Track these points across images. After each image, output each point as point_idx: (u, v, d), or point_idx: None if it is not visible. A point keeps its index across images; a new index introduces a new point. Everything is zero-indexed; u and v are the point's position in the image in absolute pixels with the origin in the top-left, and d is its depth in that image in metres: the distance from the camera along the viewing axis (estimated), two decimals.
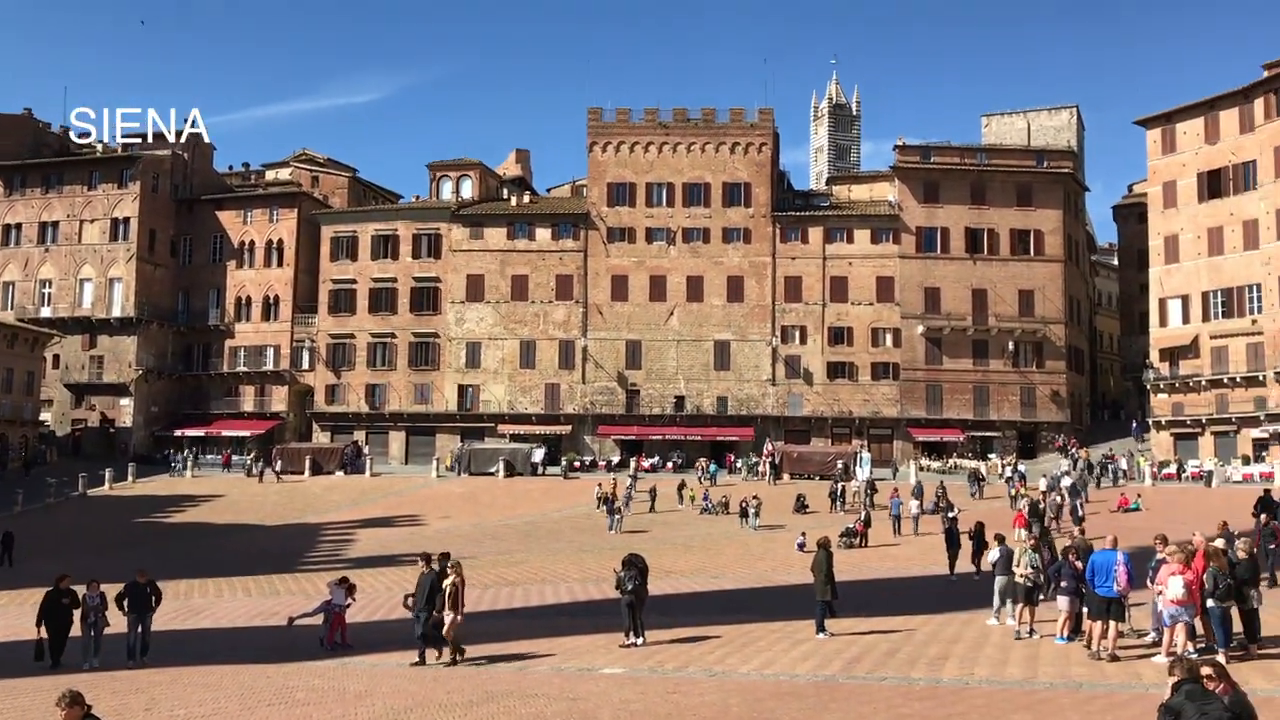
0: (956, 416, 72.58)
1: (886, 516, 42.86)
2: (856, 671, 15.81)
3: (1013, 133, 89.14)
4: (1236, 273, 64.58)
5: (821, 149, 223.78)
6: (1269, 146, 62.76)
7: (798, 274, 74.41)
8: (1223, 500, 44.65)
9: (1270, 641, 16.16)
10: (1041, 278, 74.00)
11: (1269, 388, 62.08)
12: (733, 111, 76.73)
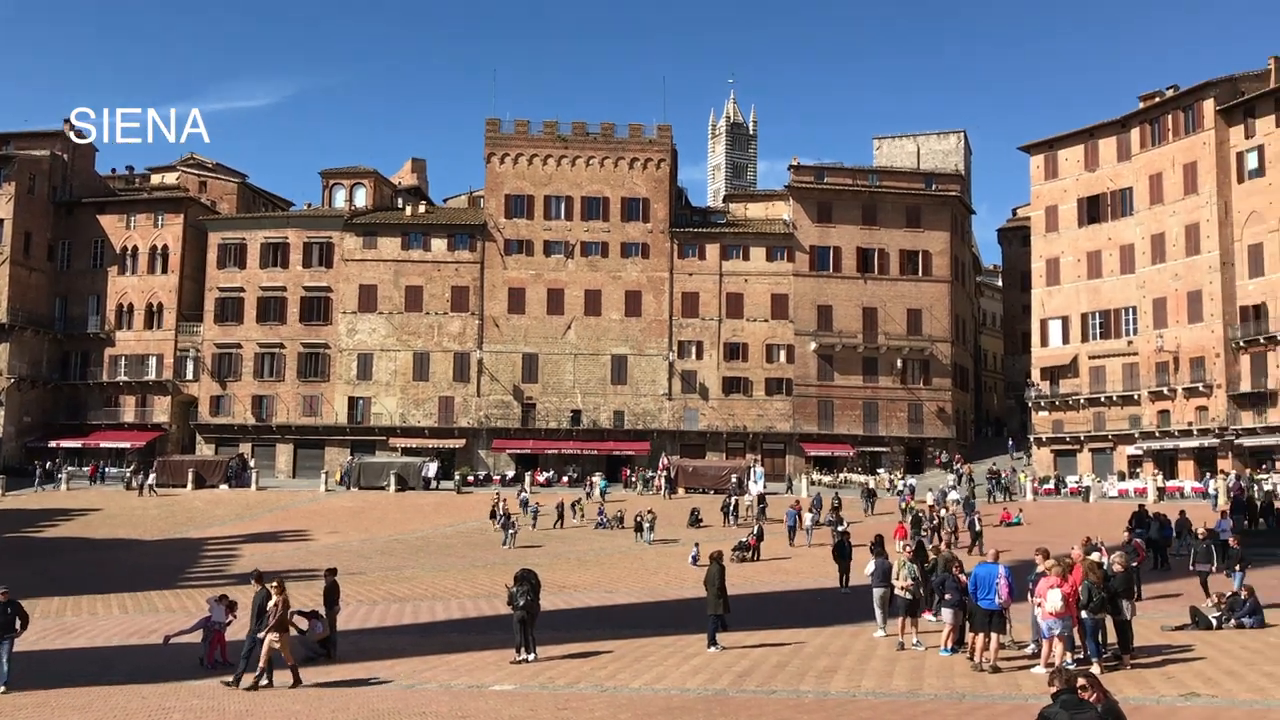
0: (847, 432, 73.92)
1: (782, 528, 43.42)
2: (747, 685, 15.88)
3: (903, 155, 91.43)
4: (1114, 295, 67.17)
5: (719, 167, 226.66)
6: (1144, 174, 65.53)
7: (695, 290, 75.02)
8: (1100, 515, 46.28)
9: (1142, 652, 16.74)
10: (929, 297, 75.95)
11: (1143, 407, 64.64)
12: (632, 127, 77.13)
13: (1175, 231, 63.45)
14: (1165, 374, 63.35)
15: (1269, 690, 13.78)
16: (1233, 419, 59.88)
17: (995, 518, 47.34)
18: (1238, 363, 60.52)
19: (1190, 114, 63.42)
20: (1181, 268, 62.98)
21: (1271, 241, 59.01)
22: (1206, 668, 15.66)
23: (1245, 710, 12.49)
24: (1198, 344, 61.80)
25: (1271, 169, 59.22)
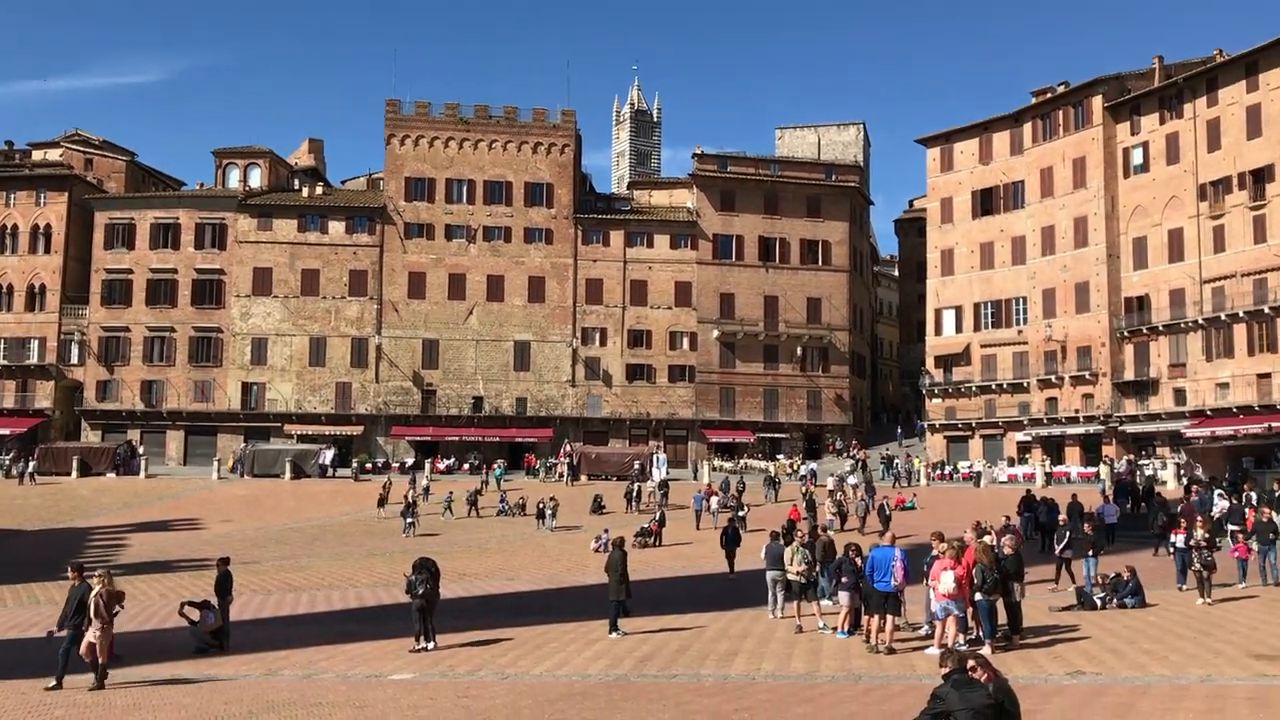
0: (748, 418, 74.75)
1: (685, 514, 43.79)
2: (648, 670, 15.93)
3: (804, 146, 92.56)
4: (1005, 286, 69.06)
5: (623, 153, 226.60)
6: (1036, 168, 67.44)
7: (599, 276, 74.96)
8: (990, 500, 47.50)
9: (1031, 632, 17.25)
10: (828, 286, 77.12)
11: (1032, 394, 66.66)
12: (536, 111, 76.59)
13: (1064, 224, 65.46)
14: (1054, 362, 65.40)
15: (1149, 666, 14.31)
16: (1117, 406, 62.12)
17: (890, 502, 48.29)
18: (1122, 352, 62.77)
19: (1080, 110, 65.44)
20: (1070, 259, 65.02)
21: (1155, 235, 61.27)
22: (1091, 646, 16.20)
23: (1127, 686, 12.94)
24: (1085, 334, 63.92)
25: (1155, 165, 61.46)
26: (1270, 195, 55.26)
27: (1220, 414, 56.30)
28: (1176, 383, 59.87)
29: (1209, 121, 58.69)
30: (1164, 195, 60.81)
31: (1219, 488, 34.49)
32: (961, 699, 8.44)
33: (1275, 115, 55.20)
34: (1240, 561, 22.49)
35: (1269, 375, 54.82)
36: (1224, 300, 57.06)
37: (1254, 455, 48.26)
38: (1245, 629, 17.28)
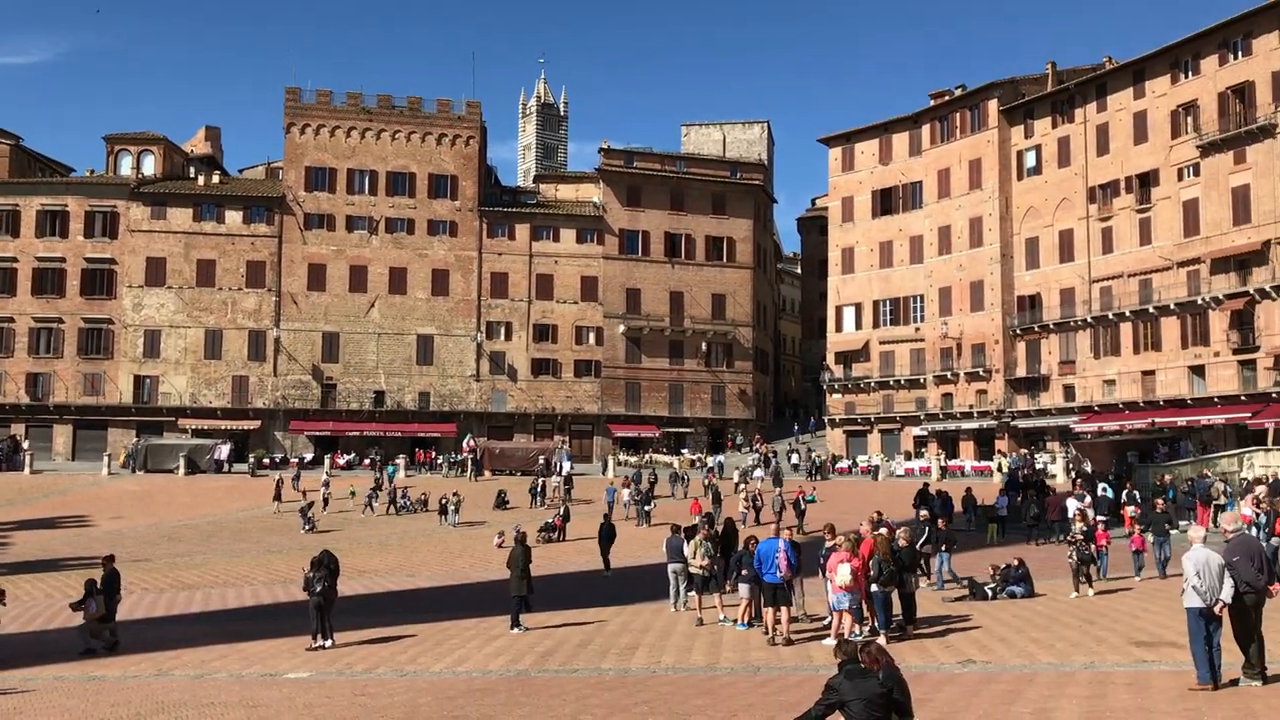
0: (653, 413, 75.10)
1: (589, 509, 43.84)
2: (549, 665, 15.91)
3: (709, 143, 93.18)
4: (903, 284, 70.54)
5: (529, 147, 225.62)
6: (933, 169, 68.97)
7: (504, 270, 74.46)
8: (887, 493, 48.53)
9: (925, 622, 17.66)
10: (733, 283, 77.85)
11: (928, 390, 68.22)
12: (440, 102, 75.73)
13: (960, 224, 67.09)
14: (949, 359, 67.02)
15: (1035, 654, 14.76)
16: (1009, 402, 63.93)
17: (790, 495, 48.97)
18: (1015, 349, 64.60)
19: (976, 113, 67.11)
20: (965, 259, 66.67)
21: (1046, 236, 63.16)
22: (982, 635, 16.65)
23: (1014, 674, 13.33)
24: (979, 331, 65.62)
25: (1048, 168, 63.34)
26: (1155, 199, 57.39)
27: (1107, 410, 58.34)
28: (1066, 379, 61.84)
29: (1098, 126, 60.71)
30: (1055, 197, 62.72)
31: (1103, 481, 35.71)
32: (854, 688, 8.61)
33: (1160, 122, 57.33)
34: (1136, 553, 23.17)
35: (1153, 373, 56.97)
36: (1111, 300, 59.10)
37: (1138, 450, 50.09)
38: (1128, 617, 17.92)
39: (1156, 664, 13.37)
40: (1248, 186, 52.73)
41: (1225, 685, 11.25)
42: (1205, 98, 55.03)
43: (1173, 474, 37.34)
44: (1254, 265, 52.22)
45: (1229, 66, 54.03)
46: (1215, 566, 11.20)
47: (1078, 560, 20.48)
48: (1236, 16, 53.58)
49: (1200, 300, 54.23)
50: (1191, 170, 55.69)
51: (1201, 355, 54.60)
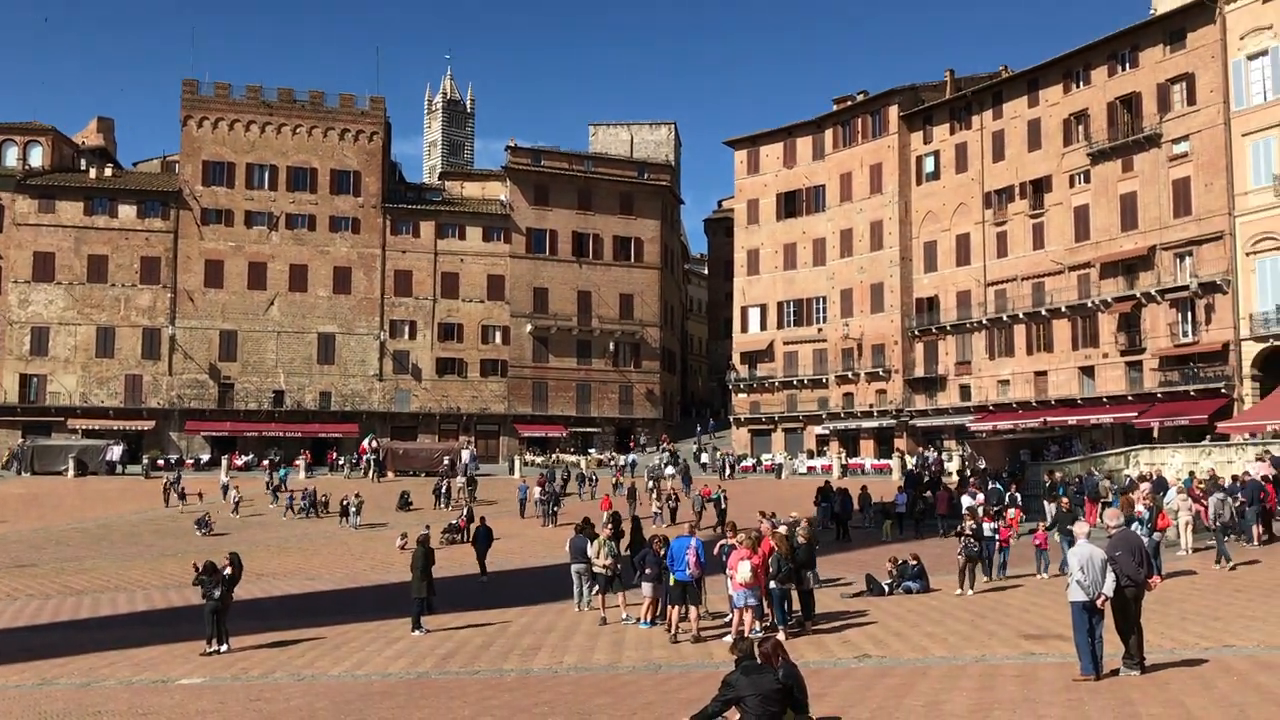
0: (561, 413, 75.00)
1: (496, 509, 43.68)
2: (450, 667, 15.80)
3: (617, 143, 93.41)
4: (807, 286, 71.59)
5: (435, 143, 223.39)
6: (836, 173, 70.11)
7: (408, 268, 73.61)
8: (791, 490, 49.18)
9: (823, 618, 17.96)
10: (641, 283, 78.13)
11: (830, 390, 69.35)
12: (343, 97, 74.53)
13: (862, 228, 68.33)
14: (851, 360, 68.21)
15: (929, 648, 15.12)
16: (907, 401, 65.30)
17: (696, 494, 49.33)
18: (913, 350, 66.01)
19: (877, 119, 68.39)
20: (866, 261, 67.92)
21: (944, 240, 64.67)
22: (878, 630, 16.99)
23: (908, 668, 13.64)
24: (879, 332, 66.91)
25: (946, 173, 64.85)
26: (1048, 205, 59.14)
27: (1001, 409, 59.98)
28: (962, 379, 63.41)
29: (994, 133, 62.35)
30: (953, 202, 64.25)
31: (995, 481, 36.69)
32: (751, 684, 8.75)
33: (1053, 130, 59.11)
34: (1039, 550, 23.39)
35: (1045, 373, 58.73)
36: (1006, 302, 60.77)
37: (1030, 448, 51.55)
38: (1019, 611, 18.46)
39: (1044, 656, 13.80)
40: (1135, 194, 54.68)
41: (1107, 675, 11.67)
42: (1095, 107, 56.91)
43: (1062, 471, 38.53)
44: (1140, 270, 54.17)
45: (1118, 77, 55.96)
46: (1098, 561, 11.61)
47: (965, 558, 20.85)
48: (1124, 30, 55.55)
49: (1090, 303, 56.07)
50: (1082, 177, 57.55)
51: (1091, 356, 56.47)
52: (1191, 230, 51.69)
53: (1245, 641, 13.93)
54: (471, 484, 51.84)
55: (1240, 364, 49.13)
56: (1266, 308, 47.78)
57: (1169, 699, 10.49)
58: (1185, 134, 52.20)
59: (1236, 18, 49.61)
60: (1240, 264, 49.11)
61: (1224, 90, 50.18)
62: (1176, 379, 51.96)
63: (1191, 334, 51.68)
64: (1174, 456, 39.52)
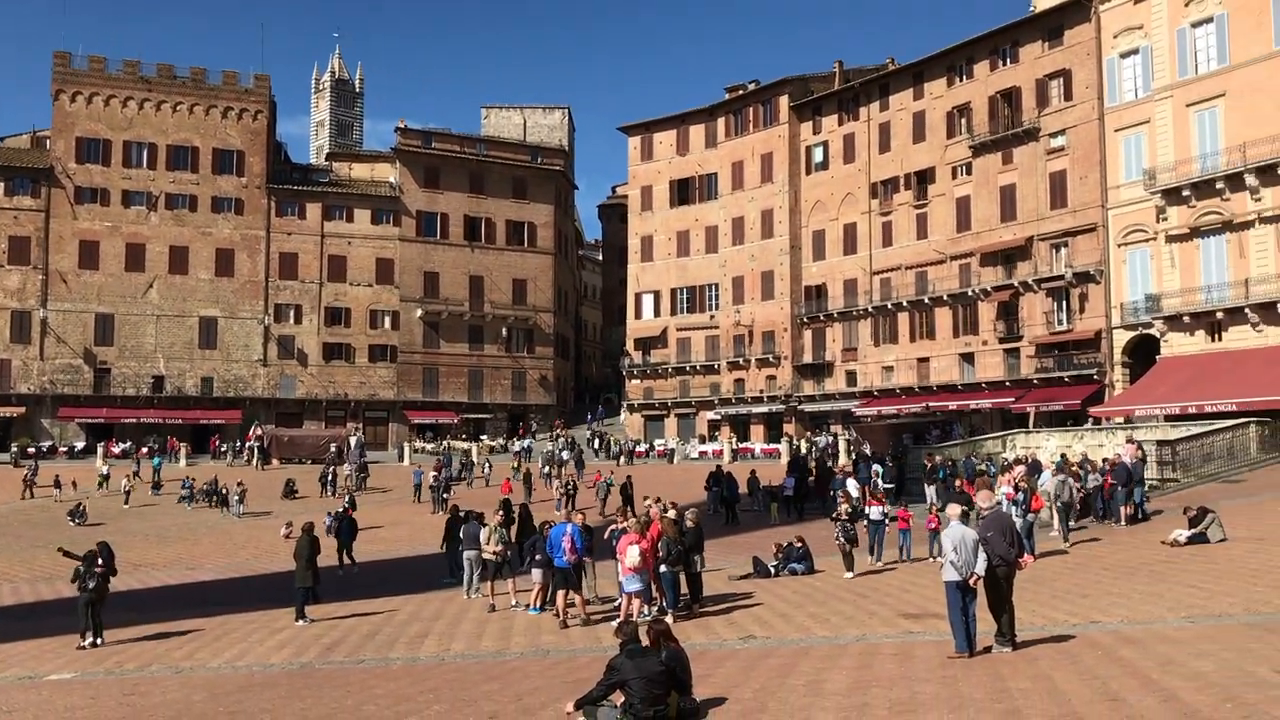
0: (452, 399, 74.28)
1: (385, 497, 43.10)
2: (334, 656, 15.56)
3: (510, 127, 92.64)
4: (700, 273, 72.20)
5: (323, 123, 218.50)
6: (728, 162, 70.77)
7: (294, 250, 71.94)
8: (683, 475, 49.59)
9: (711, 600, 18.19)
10: (534, 268, 77.76)
11: (722, 376, 70.13)
12: (226, 74, 72.34)
13: (753, 216, 69.15)
14: (742, 346, 69.07)
15: (812, 629, 15.44)
16: (796, 387, 66.42)
17: (589, 479, 49.43)
18: (802, 337, 67.13)
19: (768, 108, 69.20)
20: (758, 249, 68.78)
21: (832, 229, 65.85)
22: (763, 612, 17.27)
23: (792, 648, 13.90)
24: (770, 319, 67.87)
25: (834, 163, 65.99)
26: (931, 196, 60.67)
27: (885, 394, 61.45)
28: (849, 365, 64.75)
29: (881, 125, 63.66)
30: (841, 192, 65.44)
31: (877, 463, 37.60)
32: (635, 667, 8.84)
33: (937, 122, 60.59)
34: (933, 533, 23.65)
35: (927, 360, 60.34)
36: (891, 291, 62.21)
37: (913, 432, 53.01)
38: (899, 591, 18.94)
39: (922, 635, 14.20)
40: (1014, 186, 56.45)
41: (980, 652, 12.07)
42: (978, 101, 58.52)
43: (942, 455, 39.65)
44: (1018, 260, 55.99)
45: (999, 72, 57.63)
46: (970, 542, 11.98)
47: (844, 540, 21.09)
48: (1005, 26, 57.22)
49: (970, 292, 57.75)
50: (964, 169, 59.16)
51: (971, 344, 58.18)
52: (1067, 222, 53.60)
53: (1110, 617, 14.53)
54: (363, 471, 51.08)
55: (1111, 351, 51.18)
56: (1136, 297, 49.83)
57: (1037, 673, 10.90)
58: (1062, 128, 54.05)
59: (1110, 17, 51.51)
60: (1112, 255, 51.13)
61: (1099, 86, 52.10)
62: (1052, 365, 53.88)
63: (1066, 322, 53.64)
64: (1048, 440, 41.05)
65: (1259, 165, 43.54)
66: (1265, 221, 44.05)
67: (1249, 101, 44.67)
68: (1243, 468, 33.43)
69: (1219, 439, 34.85)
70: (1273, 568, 17.58)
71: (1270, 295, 43.31)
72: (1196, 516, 21.70)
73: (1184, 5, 47.31)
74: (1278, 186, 43.44)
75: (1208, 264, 46.34)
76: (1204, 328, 46.36)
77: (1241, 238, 45.01)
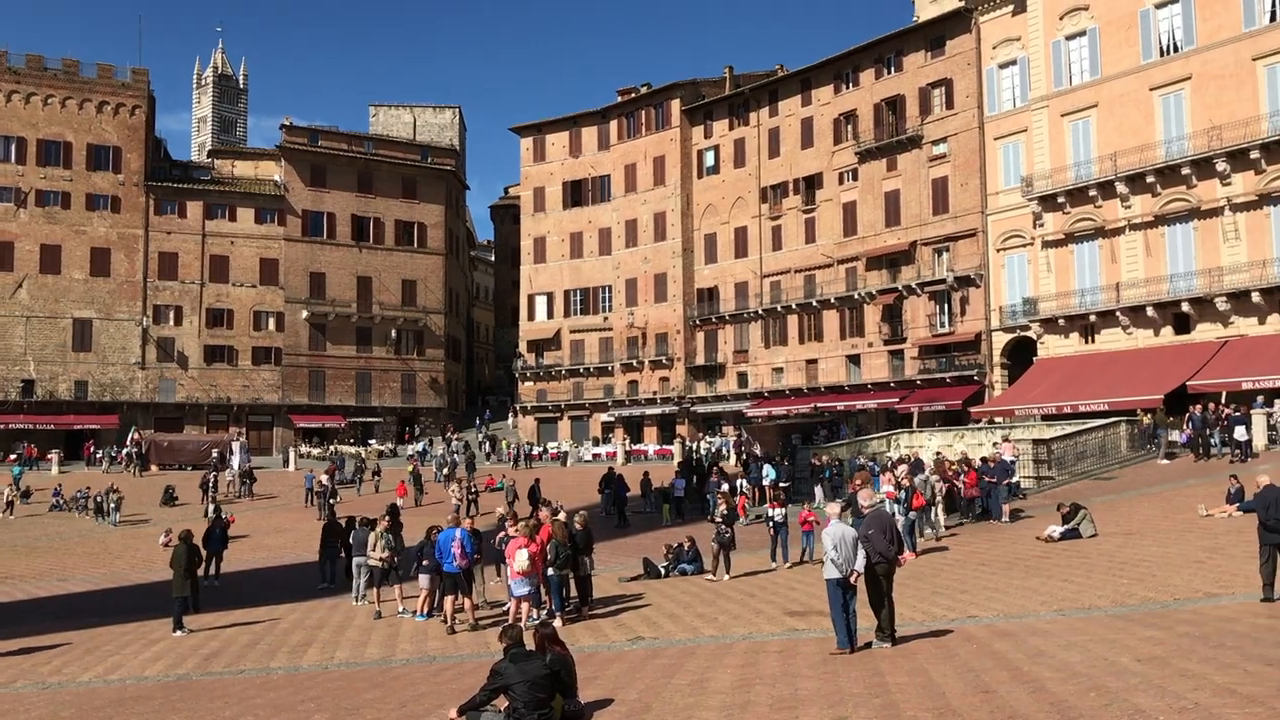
0: (339, 403, 72.87)
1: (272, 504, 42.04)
2: (213, 667, 15.13)
3: (400, 125, 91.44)
4: (593, 275, 72.24)
5: (205, 119, 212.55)
6: (620, 164, 70.98)
7: (174, 250, 69.73)
8: (576, 478, 49.58)
9: (600, 603, 18.20)
10: (424, 269, 76.79)
11: (616, 378, 70.28)
12: (101, 67, 69.74)
13: (646, 219, 69.49)
14: (635, 348, 69.33)
15: (699, 628, 15.57)
16: (689, 389, 66.93)
17: (481, 483, 49.05)
18: (694, 339, 67.69)
19: (660, 112, 69.63)
20: (650, 252, 69.14)
21: (724, 233, 66.56)
22: (652, 613, 17.37)
23: (679, 648, 14.01)
24: (663, 321, 68.27)
25: (725, 168, 66.72)
26: (819, 200, 61.74)
27: (776, 395, 62.33)
28: (740, 367, 65.52)
29: (770, 130, 64.58)
30: (732, 196, 66.20)
31: (768, 463, 38.13)
32: (519, 671, 8.79)
33: (824, 129, 61.70)
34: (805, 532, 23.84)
35: (815, 361, 61.40)
36: (780, 294, 63.13)
37: (802, 433, 53.85)
38: (785, 589, 19.24)
39: (806, 632, 14.45)
40: (898, 192, 57.81)
41: (861, 648, 12.33)
42: (864, 108, 59.78)
43: (829, 454, 40.42)
44: (902, 264, 57.36)
45: (884, 80, 58.95)
46: (850, 540, 12.24)
47: (716, 545, 21.04)
48: (890, 35, 58.56)
49: (857, 295, 58.95)
50: (851, 175, 60.37)
51: (858, 346, 59.40)
52: (949, 227, 55.10)
53: (987, 612, 14.99)
54: (249, 478, 49.77)
55: (991, 353, 52.78)
56: (1014, 300, 51.49)
57: (914, 668, 11.17)
58: (944, 136, 55.56)
59: (990, 28, 53.15)
60: (992, 259, 52.73)
61: (979, 96, 53.68)
62: (934, 367, 55.34)
63: (948, 325, 55.14)
64: (930, 439, 42.14)
65: (1129, 174, 45.38)
66: (1135, 228, 45.94)
67: (1119, 112, 46.56)
68: (1114, 465, 34.79)
69: (1092, 438, 36.20)
70: (1139, 561, 18.36)
71: (1139, 299, 45.17)
72: (1069, 513, 22.54)
73: (1059, 19, 49.05)
74: (1146, 195, 45.35)
75: (1081, 269, 48.12)
76: (1078, 330, 48.13)
77: (1113, 243, 46.85)
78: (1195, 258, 43.85)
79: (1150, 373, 42.63)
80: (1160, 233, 45.29)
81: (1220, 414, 33.88)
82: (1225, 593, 14.61)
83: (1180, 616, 13.23)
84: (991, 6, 52.82)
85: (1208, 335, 43.15)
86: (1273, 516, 13.87)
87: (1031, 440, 34.93)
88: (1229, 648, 10.99)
